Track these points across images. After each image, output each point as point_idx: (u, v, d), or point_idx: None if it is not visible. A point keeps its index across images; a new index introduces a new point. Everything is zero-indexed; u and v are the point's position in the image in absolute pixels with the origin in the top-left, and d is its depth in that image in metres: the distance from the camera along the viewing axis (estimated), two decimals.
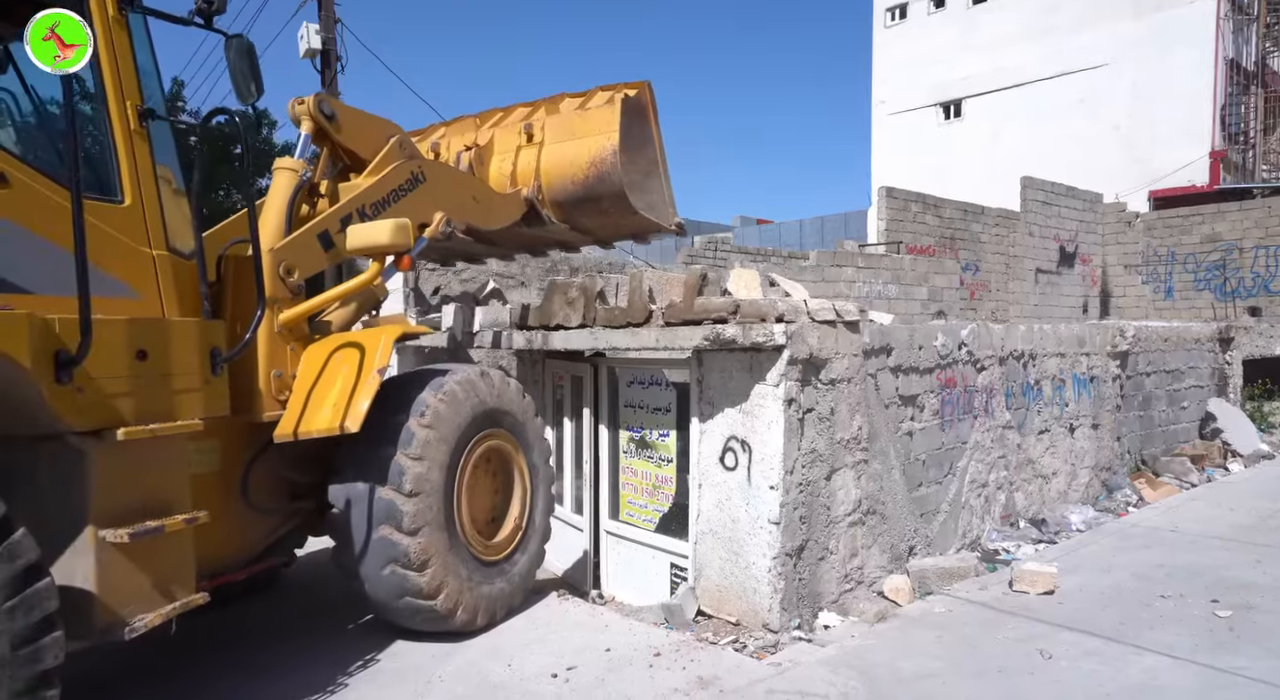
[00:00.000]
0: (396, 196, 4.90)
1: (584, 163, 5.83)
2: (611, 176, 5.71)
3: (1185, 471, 8.28)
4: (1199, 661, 3.86)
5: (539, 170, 6.03)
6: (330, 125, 4.89)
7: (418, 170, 5.09)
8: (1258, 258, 17.38)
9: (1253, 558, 5.46)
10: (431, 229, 5.05)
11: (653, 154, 6.32)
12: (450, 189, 5.40)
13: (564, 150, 5.94)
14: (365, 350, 4.07)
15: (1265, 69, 23.16)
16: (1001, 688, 3.65)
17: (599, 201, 6.02)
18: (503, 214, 5.95)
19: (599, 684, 3.78)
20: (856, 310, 5.20)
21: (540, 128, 6.04)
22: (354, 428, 3.74)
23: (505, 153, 6.19)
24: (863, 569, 5.22)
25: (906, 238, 15.02)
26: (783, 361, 4.67)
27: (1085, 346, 7.54)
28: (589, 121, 5.87)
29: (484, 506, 4.75)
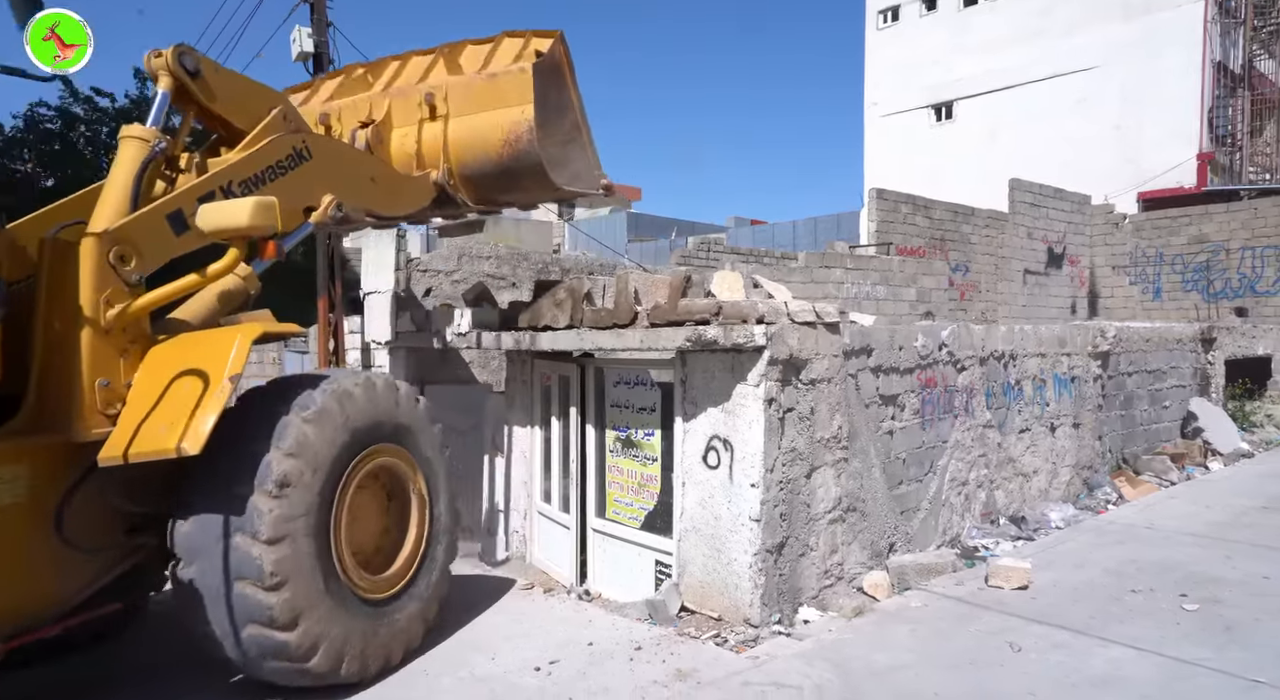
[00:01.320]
0: (274, 174, 4.26)
1: (497, 141, 5.28)
2: (529, 155, 5.21)
3: (1165, 470, 8.41)
4: (1163, 653, 3.98)
5: (447, 149, 5.44)
6: (195, 84, 4.14)
7: (301, 145, 4.47)
8: (1244, 259, 17.56)
9: (1224, 554, 5.59)
10: (318, 213, 4.49)
11: (573, 117, 5.72)
12: (343, 169, 4.82)
13: (474, 126, 5.36)
14: (215, 354, 3.44)
15: (1252, 72, 23.36)
16: (971, 679, 3.77)
17: (517, 180, 5.54)
18: (409, 199, 5.42)
19: (580, 676, 3.89)
20: (837, 311, 5.31)
21: (443, 99, 5.40)
22: (193, 450, 3.10)
23: (407, 127, 5.54)
24: (843, 565, 5.33)
25: (897, 239, 15.15)
26: (763, 362, 4.78)
27: (1066, 347, 7.66)
28: (499, 91, 5.24)
29: (373, 534, 4.17)
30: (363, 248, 9.42)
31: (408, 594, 4.14)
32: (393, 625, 3.97)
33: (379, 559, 4.12)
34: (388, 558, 4.16)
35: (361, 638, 3.73)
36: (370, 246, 8.96)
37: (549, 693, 3.71)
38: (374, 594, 3.91)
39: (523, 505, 7.03)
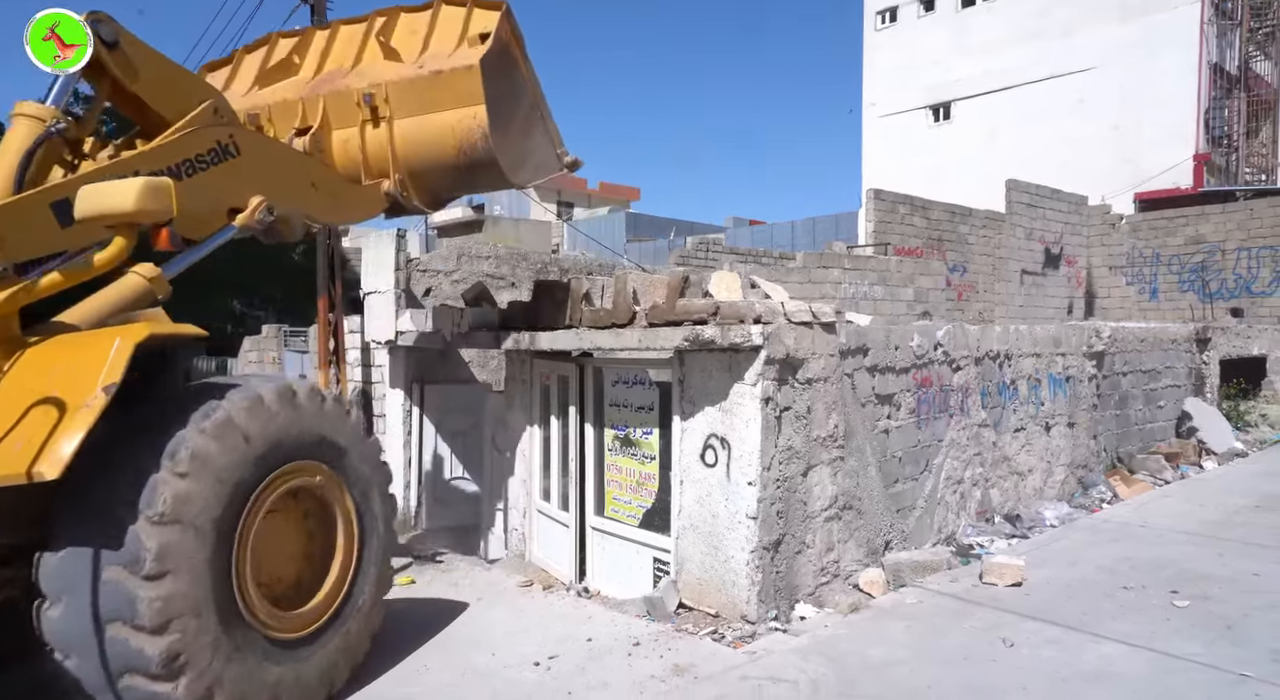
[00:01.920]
0: (191, 168, 3.79)
1: (450, 147, 4.93)
2: (486, 160, 4.90)
3: (1160, 469, 8.48)
4: (1154, 649, 4.03)
5: (396, 157, 5.03)
6: (111, 57, 3.64)
7: (228, 140, 4.01)
8: (1240, 259, 17.63)
9: (1216, 552, 5.65)
10: (244, 216, 4.01)
11: (529, 98, 5.31)
12: (276, 170, 4.38)
13: (422, 130, 4.95)
14: (90, 361, 2.96)
15: (1248, 73, 23.45)
16: (965, 674, 3.82)
17: (474, 179, 5.30)
18: (358, 208, 5.09)
19: (579, 671, 3.94)
20: (833, 312, 5.36)
21: (384, 100, 4.95)
22: (50, 474, 2.69)
23: (348, 130, 5.08)
24: (839, 562, 5.39)
25: (895, 239, 15.21)
26: (760, 361, 4.83)
27: (1061, 347, 7.72)
28: (446, 90, 4.81)
29: (292, 563, 3.66)
30: (362, 248, 9.47)
31: (331, 630, 3.61)
32: (308, 669, 3.47)
33: (297, 592, 3.61)
34: (308, 591, 3.64)
35: (268, 687, 3.24)
36: (370, 246, 9.02)
37: (548, 687, 3.77)
38: (287, 633, 3.42)
39: (522, 503, 7.08)
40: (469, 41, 4.90)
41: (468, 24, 4.97)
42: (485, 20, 4.97)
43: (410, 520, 9.39)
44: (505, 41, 5.01)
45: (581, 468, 6.29)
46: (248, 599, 3.26)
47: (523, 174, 5.31)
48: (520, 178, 5.25)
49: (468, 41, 4.90)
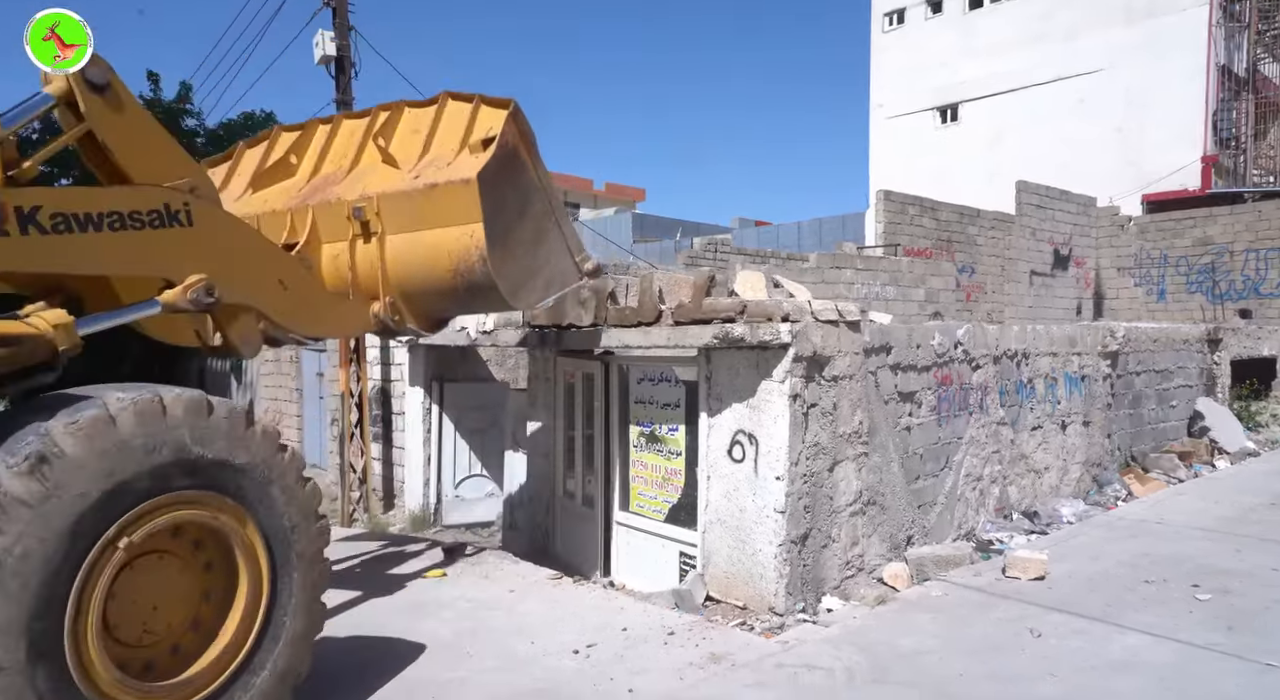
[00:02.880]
0: (120, 222, 3.23)
1: (445, 269, 4.46)
2: (484, 283, 4.43)
3: (1173, 468, 8.57)
4: (1178, 639, 4.13)
5: (386, 277, 4.62)
6: (91, 101, 3.35)
7: (180, 206, 3.45)
8: (1248, 261, 17.70)
9: (1233, 547, 5.74)
10: (173, 292, 3.43)
11: (540, 205, 4.85)
12: (235, 253, 3.76)
13: (415, 248, 4.53)
14: None
15: (1256, 75, 23.50)
16: (994, 661, 3.92)
17: (473, 302, 4.88)
18: (338, 324, 4.70)
19: (618, 659, 4.05)
20: (858, 310, 5.47)
21: (376, 214, 4.56)
22: None
23: (338, 244, 4.72)
24: (863, 557, 5.49)
25: (904, 240, 15.31)
26: (788, 359, 4.94)
27: (1077, 346, 7.82)
28: (441, 206, 4.38)
29: (176, 618, 3.02)
30: None
31: (248, 670, 3.09)
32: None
33: (176, 657, 3.01)
34: (194, 653, 3.04)
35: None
36: None
37: (590, 674, 3.87)
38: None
39: (545, 499, 7.19)
40: (471, 147, 4.48)
41: (472, 125, 4.60)
42: (490, 121, 4.57)
43: (429, 517, 9.52)
44: (512, 146, 4.57)
45: (607, 464, 6.40)
46: (93, 676, 2.66)
47: (529, 295, 4.82)
48: (525, 301, 4.80)
49: (469, 147, 4.49)
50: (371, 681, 3.62)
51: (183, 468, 2.91)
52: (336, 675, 3.80)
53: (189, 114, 18.24)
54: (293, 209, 4.84)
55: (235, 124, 18.33)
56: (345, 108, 9.09)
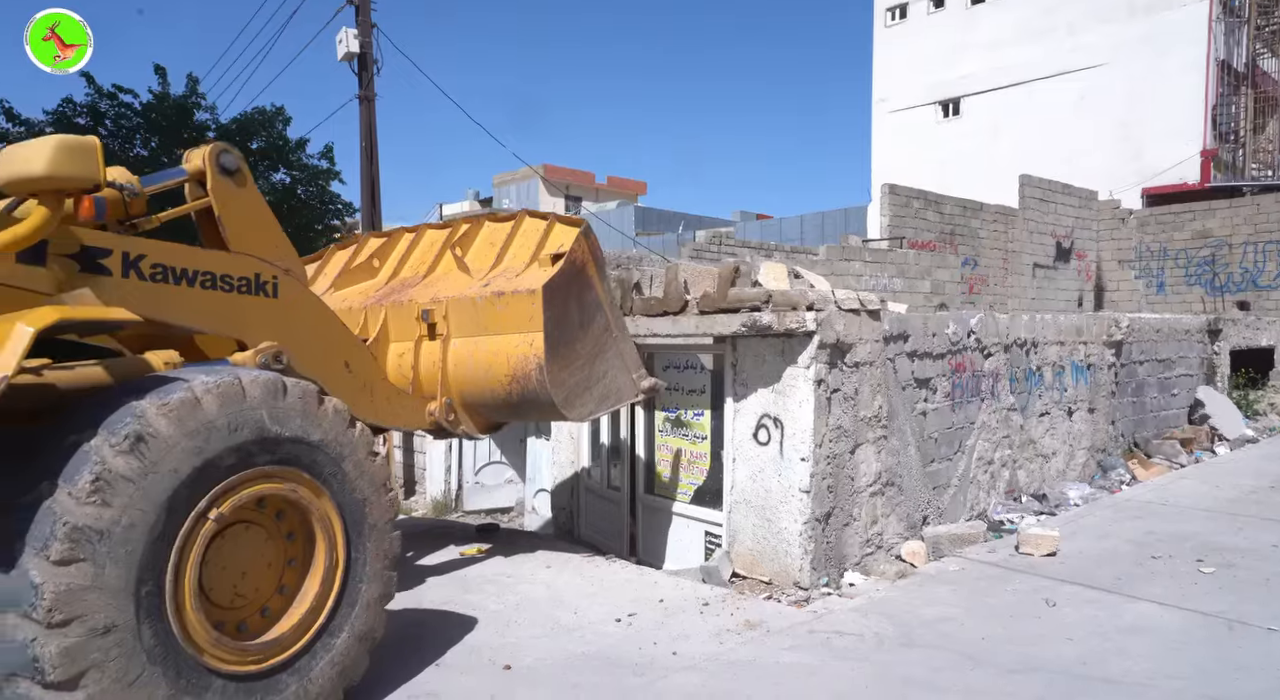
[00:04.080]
0: (209, 282, 3.56)
1: (502, 375, 4.61)
2: (539, 393, 4.52)
3: (1175, 453, 8.83)
4: (1185, 607, 4.39)
5: (446, 379, 4.80)
6: (219, 182, 3.83)
7: (270, 278, 3.82)
8: (1246, 253, 17.95)
9: (1235, 526, 6.00)
10: (245, 355, 3.66)
11: (602, 321, 4.96)
12: (312, 332, 4.10)
13: (476, 353, 4.72)
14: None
15: (1255, 70, 23.73)
16: (1013, 628, 4.18)
17: (528, 412, 4.96)
18: (395, 415, 4.73)
19: (659, 626, 4.29)
20: (878, 300, 5.71)
21: (443, 317, 4.81)
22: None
23: (404, 343, 4.97)
24: (882, 535, 5.74)
25: (908, 233, 15.54)
26: (813, 345, 5.17)
27: (1083, 336, 8.07)
28: (505, 311, 4.56)
29: (262, 584, 3.23)
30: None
31: (300, 662, 3.19)
32: (311, 684, 3.16)
33: (264, 618, 3.22)
34: (279, 614, 3.24)
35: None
36: None
37: (633, 640, 4.12)
38: (242, 665, 3.00)
39: (569, 484, 7.43)
40: (540, 261, 4.71)
41: (544, 241, 4.85)
42: (562, 237, 4.80)
43: (450, 504, 9.76)
44: (580, 263, 4.74)
45: (632, 448, 6.64)
46: (191, 634, 2.86)
47: (582, 408, 4.85)
48: (577, 413, 4.82)
49: (539, 261, 4.72)
50: (437, 647, 3.87)
51: (263, 445, 3.08)
52: (402, 642, 4.04)
53: (200, 107, 18.38)
54: (368, 307, 5.11)
55: (247, 118, 18.49)
56: (367, 103, 9.28)
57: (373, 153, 9.93)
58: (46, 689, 2.51)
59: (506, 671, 3.78)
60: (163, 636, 2.77)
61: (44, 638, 2.50)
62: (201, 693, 2.84)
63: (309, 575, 3.32)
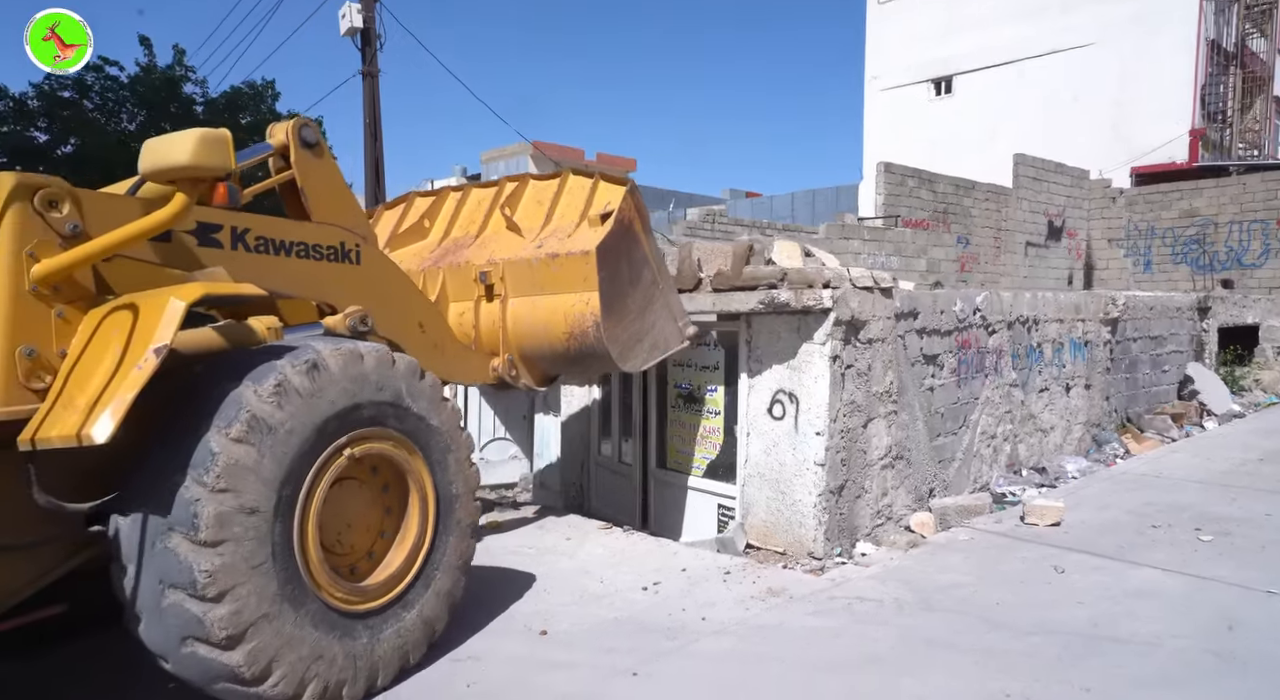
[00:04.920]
0: (303, 252, 3.87)
1: (561, 333, 4.84)
2: (596, 348, 4.76)
3: (1166, 428, 9.08)
4: (1187, 573, 4.59)
5: (506, 336, 5.06)
6: (301, 154, 4.06)
7: (354, 246, 4.12)
8: (1232, 232, 18.25)
9: (1228, 497, 6.23)
10: (336, 319, 3.93)
11: (650, 274, 5.16)
12: (391, 294, 4.38)
13: (534, 311, 4.94)
14: (145, 321, 2.89)
15: (1244, 50, 23.92)
16: (1025, 593, 4.36)
17: (585, 364, 5.16)
18: (462, 371, 4.97)
19: (684, 594, 4.44)
20: (890, 278, 5.83)
21: (500, 279, 5.02)
22: (100, 438, 2.63)
23: (464, 303, 5.19)
24: (892, 506, 5.91)
25: (903, 211, 15.66)
26: (829, 322, 5.29)
27: (1081, 313, 8.25)
28: (561, 274, 4.77)
29: (364, 534, 3.54)
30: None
31: (402, 603, 3.49)
32: (380, 644, 3.37)
33: (368, 564, 3.51)
34: (378, 562, 3.54)
35: (333, 660, 3.15)
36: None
37: (662, 606, 4.26)
38: (355, 606, 3.31)
39: (579, 458, 7.55)
40: (590, 221, 4.87)
41: (591, 199, 4.99)
42: (609, 196, 4.93)
43: None
44: (628, 221, 4.90)
45: (644, 423, 6.76)
46: (312, 569, 3.15)
47: (635, 358, 5.05)
48: (632, 364, 5.03)
49: (588, 221, 4.87)
50: (474, 614, 3.99)
51: (397, 412, 3.48)
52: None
53: (188, 80, 18.10)
54: (425, 269, 5.29)
55: (236, 92, 18.24)
56: (370, 79, 9.22)
57: (376, 129, 9.87)
58: (193, 544, 2.83)
59: (543, 636, 3.91)
60: (287, 537, 3.07)
61: (205, 500, 2.84)
62: (316, 624, 3.13)
63: (396, 547, 3.59)
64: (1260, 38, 24.74)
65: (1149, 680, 3.34)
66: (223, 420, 2.92)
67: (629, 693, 3.33)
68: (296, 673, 3.03)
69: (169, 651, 2.91)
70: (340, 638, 3.21)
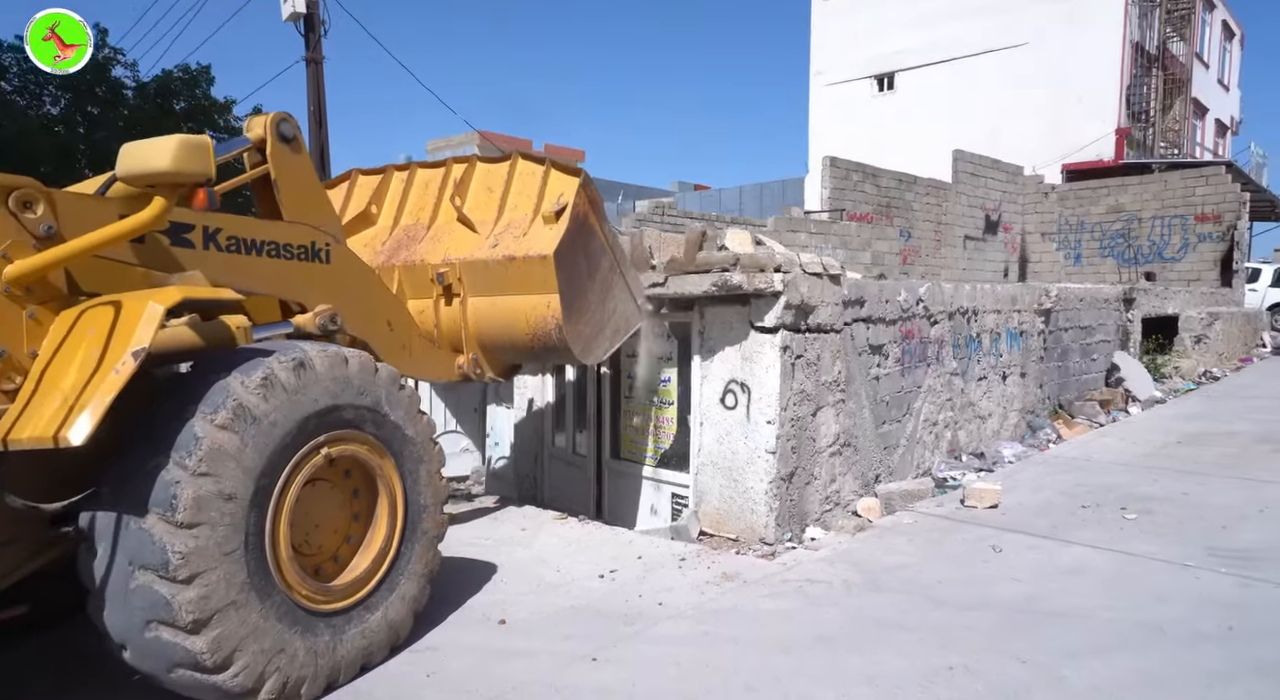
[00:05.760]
0: (273, 251, 3.85)
1: (523, 332, 4.86)
2: (559, 345, 4.80)
3: (1095, 414, 9.53)
4: (1114, 549, 4.86)
5: (468, 336, 5.07)
6: (277, 149, 4.04)
7: (324, 245, 4.10)
8: (1154, 227, 19.17)
9: (1151, 477, 6.59)
10: (306, 317, 3.93)
11: (607, 263, 5.16)
12: (360, 293, 4.36)
13: (495, 312, 4.93)
14: (124, 324, 2.90)
15: (1165, 53, 25.06)
16: (966, 571, 4.56)
17: (547, 358, 5.31)
18: (428, 368, 5.02)
19: (641, 580, 4.51)
20: (838, 265, 5.98)
21: (458, 280, 4.97)
22: (76, 440, 2.63)
23: (422, 301, 5.13)
24: (839, 492, 6.09)
25: (848, 205, 16.01)
26: (780, 306, 5.40)
27: (1017, 304, 8.59)
28: (518, 275, 4.73)
29: (333, 535, 3.56)
30: None
31: (366, 606, 3.50)
32: (343, 644, 3.36)
33: (333, 566, 3.53)
34: (344, 565, 3.56)
35: (294, 655, 3.15)
36: None
37: (619, 593, 4.32)
38: (320, 605, 3.32)
39: (533, 450, 7.56)
40: (545, 217, 4.79)
41: (543, 191, 4.91)
42: (562, 188, 4.85)
43: None
44: (583, 215, 4.83)
45: (599, 414, 6.81)
46: (281, 565, 3.16)
47: (598, 349, 5.14)
48: (594, 356, 5.12)
49: (543, 217, 4.80)
50: (430, 606, 3.97)
51: (376, 417, 3.53)
52: None
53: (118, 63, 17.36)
54: (380, 266, 5.19)
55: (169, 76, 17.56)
56: (314, 66, 9.00)
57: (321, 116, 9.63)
58: (168, 525, 2.84)
59: (502, 626, 3.94)
60: (260, 527, 3.08)
61: (185, 482, 2.85)
62: (281, 618, 3.14)
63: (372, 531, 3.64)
64: (1180, 41, 25.96)
65: (1080, 650, 3.55)
66: (209, 407, 2.95)
67: (588, 677, 3.39)
68: (258, 664, 3.02)
69: (131, 636, 2.89)
70: (303, 634, 3.20)
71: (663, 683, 3.32)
